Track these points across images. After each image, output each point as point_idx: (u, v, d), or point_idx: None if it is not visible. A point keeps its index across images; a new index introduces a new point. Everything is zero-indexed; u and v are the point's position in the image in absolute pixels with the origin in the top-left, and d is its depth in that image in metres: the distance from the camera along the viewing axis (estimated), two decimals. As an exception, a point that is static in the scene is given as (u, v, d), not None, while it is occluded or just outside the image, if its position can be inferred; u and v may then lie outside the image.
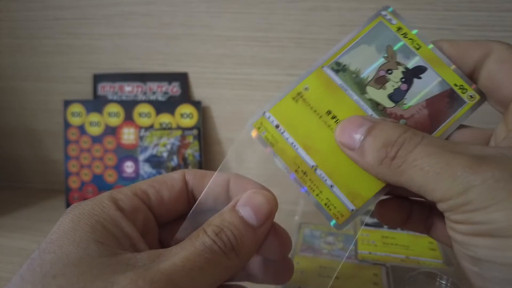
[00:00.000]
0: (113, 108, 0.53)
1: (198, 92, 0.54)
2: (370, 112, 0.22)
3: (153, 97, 0.54)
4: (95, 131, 0.53)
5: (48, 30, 0.56)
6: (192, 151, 0.51)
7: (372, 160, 0.18)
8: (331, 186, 0.21)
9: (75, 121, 0.54)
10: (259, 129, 0.22)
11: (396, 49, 0.23)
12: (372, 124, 0.19)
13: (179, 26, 0.51)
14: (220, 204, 0.22)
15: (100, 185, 0.53)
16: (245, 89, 0.51)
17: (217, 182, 0.22)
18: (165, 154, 0.51)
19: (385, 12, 0.24)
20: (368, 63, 0.23)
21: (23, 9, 0.56)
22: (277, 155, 0.22)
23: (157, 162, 0.51)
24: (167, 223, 0.23)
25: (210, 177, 0.23)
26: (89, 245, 0.17)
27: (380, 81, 0.22)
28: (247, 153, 0.24)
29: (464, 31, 0.43)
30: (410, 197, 0.23)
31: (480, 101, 0.21)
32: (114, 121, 0.53)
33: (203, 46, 0.51)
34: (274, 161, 0.22)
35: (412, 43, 0.23)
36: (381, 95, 0.22)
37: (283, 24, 0.48)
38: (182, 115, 0.53)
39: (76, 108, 0.54)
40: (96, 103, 0.54)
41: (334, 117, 0.22)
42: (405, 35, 0.23)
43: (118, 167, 0.53)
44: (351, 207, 0.21)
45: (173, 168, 0.51)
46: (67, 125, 0.54)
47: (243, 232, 0.19)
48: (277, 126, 0.22)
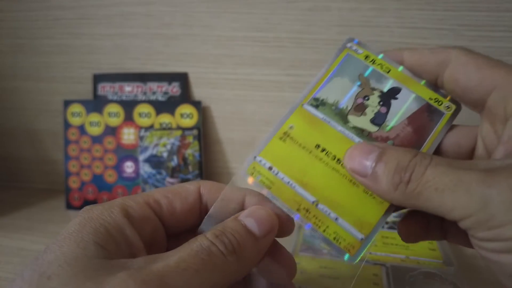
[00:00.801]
0: (113, 108, 0.53)
1: (198, 92, 0.54)
2: (356, 139, 0.22)
3: (153, 97, 0.54)
4: (95, 131, 0.54)
5: (48, 30, 0.56)
6: (192, 151, 0.51)
7: (387, 186, 0.18)
8: (336, 219, 0.21)
9: (75, 121, 0.54)
10: (252, 174, 0.22)
11: (367, 76, 0.24)
12: (381, 150, 0.19)
13: (179, 26, 0.51)
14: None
15: (100, 185, 0.53)
16: (245, 89, 0.51)
17: (232, 198, 0.22)
18: (165, 154, 0.51)
19: (350, 44, 0.25)
20: (344, 93, 0.24)
21: (24, 9, 0.56)
22: (276, 196, 0.21)
23: (157, 162, 0.51)
24: (177, 234, 0.22)
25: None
26: (88, 245, 0.17)
27: (359, 108, 0.23)
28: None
29: (464, 31, 0.43)
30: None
31: (457, 109, 0.23)
32: (114, 121, 0.53)
33: (203, 46, 0.51)
34: (275, 203, 0.21)
35: (381, 68, 0.24)
36: (363, 121, 0.23)
37: (283, 24, 0.48)
38: (182, 115, 0.53)
39: (76, 108, 0.54)
40: (96, 103, 0.54)
41: (324, 149, 0.22)
42: (373, 61, 0.24)
43: (118, 167, 0.53)
44: (360, 236, 0.21)
45: (173, 168, 0.51)
46: (67, 125, 0.54)
47: (245, 238, 0.19)
48: (270, 168, 0.22)
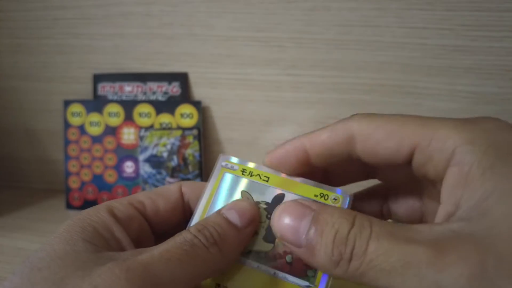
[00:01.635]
0: (113, 108, 0.53)
1: (198, 92, 0.54)
2: (255, 265, 0.20)
3: (153, 97, 0.54)
4: (95, 131, 0.53)
5: (48, 30, 0.56)
6: (192, 151, 0.51)
7: (327, 262, 0.17)
8: None
9: (75, 121, 0.54)
10: None
11: (248, 190, 0.22)
12: (313, 214, 0.18)
13: (179, 26, 0.51)
14: None
15: (100, 185, 0.53)
16: (245, 89, 0.51)
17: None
18: (165, 154, 0.51)
19: (224, 162, 0.23)
20: None
21: (23, 9, 0.56)
22: None
23: (157, 162, 0.51)
24: (163, 232, 0.23)
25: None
26: (77, 242, 0.18)
27: None
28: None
29: (464, 31, 0.43)
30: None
31: (348, 199, 0.21)
32: (114, 121, 0.53)
33: (203, 46, 0.51)
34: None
35: (260, 178, 0.22)
36: (257, 243, 0.21)
37: (283, 24, 0.48)
38: (182, 115, 0.53)
39: (76, 108, 0.54)
40: (96, 103, 0.54)
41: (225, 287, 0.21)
42: (250, 174, 0.23)
43: (118, 167, 0.53)
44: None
45: (173, 168, 0.51)
46: (67, 125, 0.54)
47: (226, 230, 0.19)
48: None
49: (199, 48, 0.51)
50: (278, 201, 0.22)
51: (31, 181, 0.63)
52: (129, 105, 0.53)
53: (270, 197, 0.22)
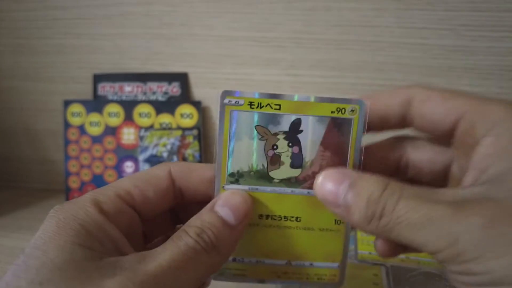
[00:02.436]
0: (113, 108, 0.53)
1: (198, 92, 0.54)
2: (289, 190, 0.22)
3: (153, 97, 0.54)
4: (95, 131, 0.54)
5: (48, 30, 0.56)
6: (192, 151, 0.51)
7: (360, 219, 0.19)
8: (311, 265, 0.23)
9: (75, 121, 0.54)
10: (222, 274, 0.23)
11: (262, 123, 0.22)
12: (352, 179, 0.19)
13: (179, 26, 0.51)
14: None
15: (100, 185, 0.53)
16: (245, 89, 0.51)
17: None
18: (165, 154, 0.51)
19: (227, 99, 0.22)
20: (252, 153, 0.22)
21: (23, 9, 0.56)
22: (255, 280, 0.23)
23: (157, 162, 0.51)
24: (152, 217, 0.23)
25: (198, 172, 0.23)
26: (74, 249, 0.17)
27: (274, 161, 0.22)
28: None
29: (464, 31, 0.43)
30: None
31: (364, 107, 0.21)
32: (114, 121, 0.53)
33: (203, 46, 0.51)
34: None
35: (271, 108, 0.22)
36: (285, 171, 0.22)
37: (283, 24, 0.48)
38: (182, 115, 0.53)
39: (76, 108, 0.54)
40: (96, 103, 0.54)
41: (268, 216, 0.23)
42: (259, 105, 0.22)
43: (118, 167, 0.53)
44: (335, 265, 0.23)
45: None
46: (67, 125, 0.54)
47: (222, 231, 0.20)
48: (234, 260, 0.23)
49: (199, 48, 0.52)
50: (296, 127, 0.22)
51: (31, 181, 0.63)
52: (129, 105, 0.53)
53: (286, 125, 0.22)
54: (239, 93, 0.22)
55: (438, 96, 0.21)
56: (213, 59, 0.51)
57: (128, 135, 0.53)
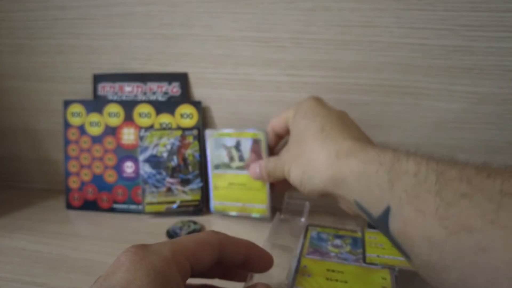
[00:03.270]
0: (113, 108, 0.53)
1: (198, 92, 0.54)
2: (240, 172, 0.49)
3: (153, 97, 0.54)
4: (95, 131, 0.54)
5: (48, 30, 0.56)
6: (192, 151, 0.51)
7: (264, 177, 0.44)
8: (253, 205, 0.49)
9: (75, 121, 0.54)
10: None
11: (226, 143, 0.49)
12: (259, 164, 0.45)
13: (179, 26, 0.51)
14: None
15: (100, 185, 0.53)
16: (245, 89, 0.51)
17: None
18: (165, 154, 0.51)
19: (209, 132, 0.50)
20: (223, 156, 0.50)
21: (24, 9, 0.56)
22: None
23: (157, 162, 0.51)
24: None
25: (235, 244, 0.28)
26: None
27: (230, 158, 0.49)
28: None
29: (464, 31, 0.43)
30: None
31: (265, 133, 0.47)
32: (114, 121, 0.53)
33: (203, 46, 0.51)
34: None
35: (229, 135, 0.49)
36: (237, 163, 0.49)
37: (283, 24, 0.48)
38: (182, 115, 0.53)
39: (76, 108, 0.54)
40: (96, 103, 0.54)
41: (233, 183, 0.51)
42: (228, 135, 0.49)
43: (118, 167, 0.53)
44: (264, 205, 0.48)
45: (173, 168, 0.51)
46: (67, 125, 0.54)
47: None
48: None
49: (199, 48, 0.52)
50: (239, 144, 0.48)
51: (31, 181, 0.63)
52: (129, 105, 0.53)
53: (233, 143, 0.49)
54: (216, 130, 0.50)
55: (284, 115, 0.43)
56: (213, 59, 0.51)
57: (128, 135, 0.53)
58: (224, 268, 0.29)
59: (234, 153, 0.48)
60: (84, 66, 0.56)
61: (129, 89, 0.55)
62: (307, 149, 0.35)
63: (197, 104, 0.52)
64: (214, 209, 0.51)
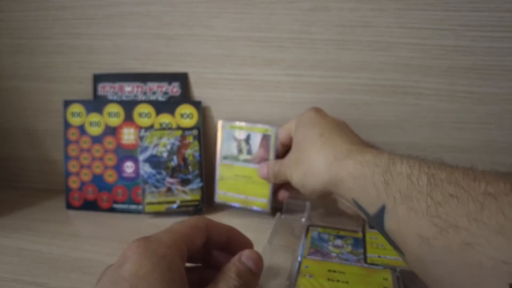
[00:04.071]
0: (113, 108, 0.53)
1: (198, 92, 0.54)
2: (247, 164, 0.51)
3: (153, 97, 0.54)
4: (95, 131, 0.54)
5: (48, 30, 0.56)
6: (192, 151, 0.51)
7: (272, 177, 0.47)
8: (256, 199, 0.50)
9: (75, 121, 0.54)
10: None
11: (237, 136, 0.51)
12: (267, 164, 0.47)
13: (179, 26, 0.51)
14: None
15: (100, 185, 0.53)
16: (245, 89, 0.51)
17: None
18: (165, 154, 0.51)
19: (223, 123, 0.52)
20: (233, 148, 0.52)
21: (24, 9, 0.56)
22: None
23: (157, 162, 0.51)
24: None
25: (219, 228, 0.30)
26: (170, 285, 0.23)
27: (239, 151, 0.52)
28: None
29: (464, 31, 0.43)
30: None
31: (275, 129, 0.48)
32: (114, 121, 0.53)
33: (203, 46, 0.51)
34: None
35: (241, 128, 0.52)
36: (245, 156, 0.51)
37: (283, 24, 0.48)
38: (182, 115, 0.53)
39: (76, 108, 0.54)
40: (96, 103, 0.54)
41: (239, 175, 0.52)
42: (240, 127, 0.52)
43: (118, 167, 0.53)
44: (266, 200, 0.50)
45: (173, 168, 0.51)
46: (67, 125, 0.54)
47: (250, 276, 0.27)
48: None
49: (199, 48, 0.52)
50: (249, 137, 0.50)
51: (31, 181, 0.63)
52: (129, 105, 0.53)
53: (244, 136, 0.51)
54: (229, 121, 0.52)
55: (287, 125, 0.46)
56: (213, 59, 0.51)
57: (128, 135, 0.53)
58: (206, 251, 0.31)
59: (243, 146, 0.50)
60: (84, 66, 0.56)
61: (129, 89, 0.55)
62: (307, 154, 0.38)
63: (197, 104, 0.52)
64: (218, 198, 0.52)
